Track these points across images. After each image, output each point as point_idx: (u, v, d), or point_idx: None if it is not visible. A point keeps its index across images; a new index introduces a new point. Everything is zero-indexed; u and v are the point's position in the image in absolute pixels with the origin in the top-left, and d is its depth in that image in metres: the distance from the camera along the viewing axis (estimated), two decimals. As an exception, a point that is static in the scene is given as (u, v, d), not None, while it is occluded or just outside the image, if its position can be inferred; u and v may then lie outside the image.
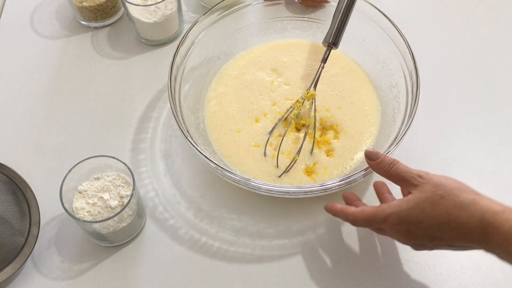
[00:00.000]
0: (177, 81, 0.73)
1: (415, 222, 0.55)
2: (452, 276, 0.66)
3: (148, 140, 0.78)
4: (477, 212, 0.52)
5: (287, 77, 0.80)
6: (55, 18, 0.91)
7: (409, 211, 0.55)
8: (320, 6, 0.82)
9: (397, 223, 0.56)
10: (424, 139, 0.77)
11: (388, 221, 0.56)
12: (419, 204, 0.54)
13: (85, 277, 0.67)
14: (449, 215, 0.53)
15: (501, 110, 0.80)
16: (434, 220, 0.54)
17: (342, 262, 0.68)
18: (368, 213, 0.58)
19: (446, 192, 0.54)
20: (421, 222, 0.54)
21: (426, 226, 0.54)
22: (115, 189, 0.66)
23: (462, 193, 0.54)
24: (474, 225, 0.52)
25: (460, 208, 0.53)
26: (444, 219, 0.53)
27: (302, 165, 0.72)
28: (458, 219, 0.53)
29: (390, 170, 0.58)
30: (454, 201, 0.53)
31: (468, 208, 0.52)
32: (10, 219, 0.68)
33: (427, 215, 0.54)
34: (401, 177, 0.57)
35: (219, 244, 0.69)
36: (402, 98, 0.73)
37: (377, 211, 0.57)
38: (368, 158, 0.61)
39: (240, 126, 0.76)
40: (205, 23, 0.77)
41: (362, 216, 0.58)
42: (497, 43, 0.87)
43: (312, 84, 0.75)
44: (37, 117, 0.80)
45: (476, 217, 0.52)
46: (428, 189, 0.55)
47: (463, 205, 0.53)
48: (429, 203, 0.54)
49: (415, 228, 0.55)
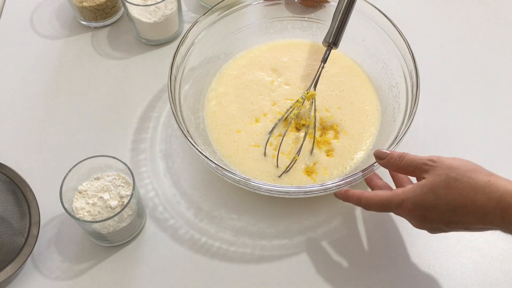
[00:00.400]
0: (177, 81, 0.73)
1: (430, 207, 0.54)
2: (452, 276, 0.66)
3: (148, 140, 0.78)
4: (494, 194, 0.51)
5: (287, 77, 0.80)
6: (55, 18, 0.91)
7: (423, 195, 0.54)
8: (320, 6, 0.82)
9: (412, 209, 0.56)
10: (424, 139, 0.77)
11: (402, 206, 0.56)
12: (434, 188, 0.54)
13: (85, 277, 0.67)
14: (465, 199, 0.52)
15: (501, 110, 0.80)
16: (450, 204, 0.53)
17: (342, 262, 0.68)
18: (381, 197, 0.58)
19: (460, 175, 0.53)
20: (436, 207, 0.54)
21: (442, 210, 0.54)
22: (115, 189, 0.66)
23: (476, 175, 0.53)
24: (492, 207, 0.51)
25: (475, 191, 0.52)
26: (460, 203, 0.52)
27: (302, 165, 0.72)
28: (475, 202, 0.52)
29: (401, 163, 0.58)
30: (469, 183, 0.52)
31: (484, 190, 0.52)
32: (10, 219, 0.68)
33: (442, 200, 0.53)
34: (413, 166, 0.57)
35: (219, 244, 0.69)
36: (402, 98, 0.73)
37: (391, 196, 0.57)
38: (378, 158, 0.61)
39: (240, 126, 0.76)
40: (205, 23, 0.77)
41: (376, 200, 0.58)
42: (497, 43, 0.87)
43: (312, 84, 0.75)
44: (37, 117, 0.80)
45: (493, 200, 0.51)
46: (441, 172, 0.54)
47: (479, 187, 0.52)
48: (444, 187, 0.53)
49: (430, 213, 0.55)
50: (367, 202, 0.59)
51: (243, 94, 0.78)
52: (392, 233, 0.69)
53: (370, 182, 0.66)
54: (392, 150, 0.64)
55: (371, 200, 0.59)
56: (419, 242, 0.68)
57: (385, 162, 0.60)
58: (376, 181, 0.65)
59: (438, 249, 0.68)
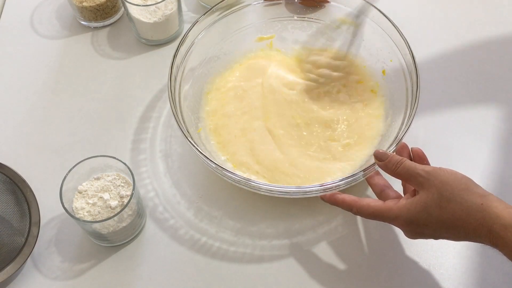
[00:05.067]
0: (177, 81, 0.73)
1: (423, 225, 0.55)
2: (452, 276, 0.66)
3: (148, 140, 0.78)
4: (485, 222, 0.51)
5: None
6: (55, 18, 0.91)
7: (417, 214, 0.55)
8: (320, 6, 0.82)
9: (405, 225, 0.57)
10: (424, 139, 0.77)
11: (396, 221, 0.57)
12: (427, 208, 0.54)
13: (85, 277, 0.67)
14: (457, 220, 0.53)
15: (502, 110, 0.80)
16: (442, 223, 0.54)
17: (342, 262, 0.68)
18: (374, 209, 0.58)
19: (453, 194, 0.53)
20: (428, 225, 0.55)
21: (434, 228, 0.55)
22: (115, 189, 0.66)
23: (469, 196, 0.53)
24: (483, 234, 0.52)
25: (467, 213, 0.52)
26: (452, 223, 0.53)
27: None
28: (467, 225, 0.52)
29: (398, 169, 0.58)
30: (462, 205, 0.53)
31: (476, 215, 0.52)
32: (10, 219, 0.68)
33: (434, 219, 0.54)
34: (408, 174, 0.57)
35: (219, 244, 0.69)
36: (402, 99, 0.72)
37: (385, 211, 0.57)
38: (377, 159, 0.61)
39: (240, 126, 0.75)
40: (205, 23, 0.77)
41: (369, 212, 0.59)
42: (497, 43, 0.87)
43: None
44: (37, 117, 0.80)
45: (485, 227, 0.51)
46: (435, 190, 0.54)
47: (471, 210, 0.52)
48: (436, 206, 0.54)
49: (422, 229, 0.56)
50: (359, 211, 0.60)
51: (243, 94, 0.78)
52: (392, 233, 0.69)
53: (370, 178, 0.65)
54: (391, 151, 0.64)
55: (364, 211, 0.59)
56: (419, 242, 0.68)
57: (383, 164, 0.60)
58: (376, 180, 0.65)
59: (438, 249, 0.68)
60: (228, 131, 0.75)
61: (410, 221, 0.56)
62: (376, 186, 0.64)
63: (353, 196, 0.61)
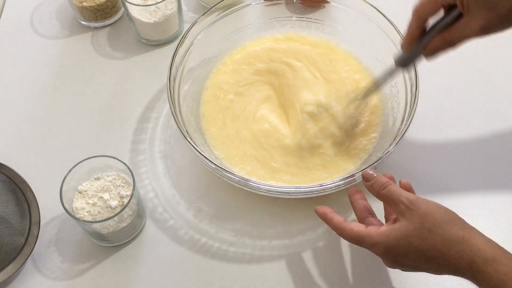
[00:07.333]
0: (176, 82, 0.73)
1: (402, 254, 0.54)
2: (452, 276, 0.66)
3: (148, 141, 0.78)
4: (466, 255, 0.51)
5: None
6: (55, 18, 0.91)
7: (396, 242, 0.54)
8: (320, 6, 0.82)
9: (384, 253, 0.55)
10: (424, 139, 0.77)
11: (374, 248, 0.56)
12: (407, 237, 0.53)
13: (85, 277, 0.67)
14: (437, 252, 0.52)
15: (502, 110, 0.80)
16: (422, 254, 0.53)
17: (342, 262, 0.68)
18: (355, 234, 0.57)
19: (434, 226, 0.53)
20: (407, 255, 0.54)
21: (413, 258, 0.54)
22: (115, 189, 0.67)
23: (451, 228, 0.52)
24: (463, 266, 0.51)
25: (448, 245, 0.52)
26: (432, 255, 0.53)
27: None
28: (447, 256, 0.52)
29: (382, 191, 0.57)
30: (443, 236, 0.52)
31: (457, 247, 0.51)
32: (10, 219, 0.68)
33: (414, 249, 0.53)
34: (391, 199, 0.56)
35: (219, 245, 0.69)
36: (401, 98, 0.73)
37: (365, 236, 0.57)
38: (364, 179, 0.60)
39: (239, 126, 0.75)
40: (204, 23, 0.77)
41: (350, 235, 0.58)
42: (497, 43, 0.87)
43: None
44: (37, 117, 0.80)
45: (465, 260, 0.51)
46: (416, 220, 0.53)
47: (452, 242, 0.52)
48: (416, 236, 0.53)
49: (401, 258, 0.55)
50: (341, 233, 0.59)
51: (243, 94, 0.78)
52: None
53: (352, 197, 0.63)
54: (391, 150, 0.64)
55: (345, 234, 0.58)
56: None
57: (369, 185, 0.59)
58: (358, 201, 0.63)
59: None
60: (227, 131, 0.75)
61: (388, 249, 0.55)
62: (360, 211, 0.62)
63: (341, 218, 0.60)
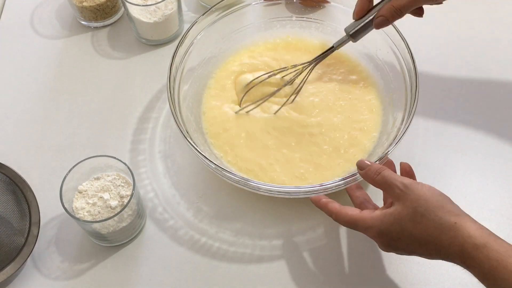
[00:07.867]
0: (176, 81, 0.73)
1: (396, 238, 0.55)
2: (452, 276, 0.66)
3: (148, 141, 0.78)
4: (457, 240, 0.51)
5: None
6: (55, 18, 0.91)
7: (390, 226, 0.55)
8: (320, 6, 0.82)
9: (377, 236, 0.56)
10: (424, 139, 0.77)
11: (368, 231, 0.57)
12: (400, 220, 0.54)
13: (85, 277, 0.67)
14: (429, 237, 0.53)
15: (501, 110, 0.80)
16: (414, 238, 0.54)
17: (342, 262, 0.68)
18: (350, 218, 0.58)
19: (427, 210, 0.53)
20: (401, 239, 0.55)
21: (406, 242, 0.54)
22: (115, 189, 0.67)
23: (444, 214, 0.53)
24: (453, 252, 0.52)
25: (440, 231, 0.52)
26: (424, 239, 0.53)
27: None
28: (438, 242, 0.52)
29: (377, 177, 0.58)
30: (435, 221, 0.52)
31: (449, 233, 0.52)
32: (10, 219, 0.68)
33: (407, 233, 0.54)
34: (386, 184, 0.57)
35: (219, 245, 0.69)
36: (401, 98, 0.72)
37: (359, 219, 0.58)
38: (359, 168, 0.61)
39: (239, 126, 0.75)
40: (204, 23, 0.77)
41: (345, 219, 0.59)
42: (497, 43, 0.87)
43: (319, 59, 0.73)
44: (37, 117, 0.80)
45: (456, 245, 0.51)
46: (410, 204, 0.54)
47: (443, 228, 0.52)
48: (409, 220, 0.54)
49: (395, 242, 0.55)
50: (337, 218, 0.60)
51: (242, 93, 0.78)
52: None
53: (350, 191, 0.65)
54: (391, 150, 0.64)
55: (341, 217, 0.59)
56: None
57: (364, 173, 0.60)
58: (357, 194, 0.64)
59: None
60: (227, 131, 0.75)
61: (381, 232, 0.56)
62: (356, 198, 0.64)
63: (336, 204, 0.61)
